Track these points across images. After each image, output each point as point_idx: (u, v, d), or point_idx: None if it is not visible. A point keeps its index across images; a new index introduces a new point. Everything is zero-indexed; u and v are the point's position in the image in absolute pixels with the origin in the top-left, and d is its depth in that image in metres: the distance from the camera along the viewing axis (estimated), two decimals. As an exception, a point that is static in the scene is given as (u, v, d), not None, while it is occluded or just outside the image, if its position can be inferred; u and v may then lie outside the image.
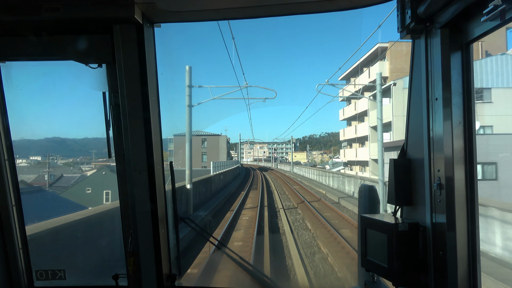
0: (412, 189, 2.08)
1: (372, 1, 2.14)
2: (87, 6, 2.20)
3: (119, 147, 2.53)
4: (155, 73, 2.53)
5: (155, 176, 2.53)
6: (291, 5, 2.26)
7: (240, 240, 14.95)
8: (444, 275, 1.81)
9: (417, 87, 2.01)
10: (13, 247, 2.76)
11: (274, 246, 14.06)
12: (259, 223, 17.75)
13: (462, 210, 1.77)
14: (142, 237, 2.58)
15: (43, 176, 39.88)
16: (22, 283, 2.81)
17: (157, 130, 2.56)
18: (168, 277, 2.74)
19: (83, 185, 35.60)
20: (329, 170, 51.87)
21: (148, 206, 2.56)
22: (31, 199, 14.57)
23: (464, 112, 1.79)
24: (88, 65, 2.49)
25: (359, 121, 49.33)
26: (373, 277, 2.37)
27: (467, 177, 1.78)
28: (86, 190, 33.55)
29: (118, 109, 2.46)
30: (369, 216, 2.20)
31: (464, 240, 1.77)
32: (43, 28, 2.37)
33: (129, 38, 2.34)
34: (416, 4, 1.84)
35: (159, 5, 2.21)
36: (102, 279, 3.01)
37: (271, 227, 17.75)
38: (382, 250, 1.97)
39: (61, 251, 6.61)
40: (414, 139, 2.09)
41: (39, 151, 44.26)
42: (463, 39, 1.76)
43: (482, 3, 1.50)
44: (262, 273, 3.38)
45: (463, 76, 1.79)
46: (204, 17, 2.43)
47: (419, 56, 1.99)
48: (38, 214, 10.56)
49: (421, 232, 1.93)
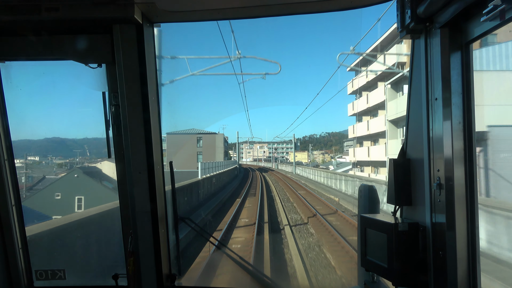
0: (412, 189, 2.08)
1: (372, 1, 2.15)
2: (87, 6, 2.20)
3: (119, 147, 2.53)
4: (155, 73, 2.53)
5: (155, 176, 2.53)
6: (291, 5, 2.26)
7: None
8: (444, 275, 1.81)
9: (417, 87, 2.01)
10: (13, 247, 2.76)
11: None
12: (256, 255, 11.53)
13: (462, 210, 1.77)
14: (142, 237, 2.58)
15: (21, 178, 36.09)
16: (22, 283, 2.81)
17: (157, 130, 2.56)
18: (168, 277, 2.74)
19: (52, 190, 31.25)
20: (334, 171, 48.48)
21: (148, 206, 2.56)
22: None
23: (464, 112, 1.79)
24: (88, 65, 2.49)
25: (371, 116, 44.12)
26: (373, 277, 2.38)
27: (467, 177, 1.78)
28: (55, 196, 29.63)
29: (118, 109, 2.46)
30: (369, 216, 2.20)
31: (464, 240, 1.77)
32: (43, 28, 2.37)
33: (129, 38, 2.34)
34: (416, 4, 1.84)
35: (159, 5, 2.21)
36: (102, 279, 3.01)
37: (274, 265, 10.92)
38: (382, 250, 1.97)
39: (61, 251, 6.61)
40: (414, 139, 2.10)
41: (39, 151, 43.89)
42: (463, 39, 1.76)
43: (482, 3, 1.50)
44: (262, 273, 3.38)
45: (463, 76, 1.79)
46: (204, 17, 2.43)
47: (419, 56, 1.99)
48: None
49: (421, 232, 1.93)
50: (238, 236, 14.85)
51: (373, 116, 43.49)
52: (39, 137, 45.64)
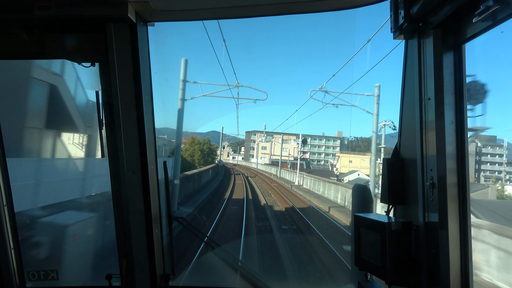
0: (405, 189, 2.09)
1: (365, 2, 2.15)
2: (80, 5, 2.18)
3: (112, 146, 2.52)
4: (149, 72, 2.52)
5: (148, 175, 2.52)
6: (284, 5, 2.26)
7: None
8: (437, 273, 1.82)
9: (410, 87, 2.03)
10: (4, 247, 2.73)
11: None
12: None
13: (454, 209, 1.79)
14: (135, 237, 2.57)
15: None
16: (14, 283, 2.78)
17: (151, 130, 2.55)
18: (162, 277, 2.73)
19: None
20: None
21: (142, 205, 2.54)
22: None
23: (456, 112, 1.81)
24: (81, 64, 2.47)
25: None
26: (366, 276, 2.39)
27: (459, 176, 1.80)
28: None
29: (111, 108, 2.44)
30: (363, 215, 2.21)
31: (456, 238, 1.79)
32: (35, 26, 2.35)
33: (123, 37, 2.32)
34: (409, 4, 1.85)
35: (152, 4, 2.20)
36: (95, 279, 2.99)
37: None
38: (375, 249, 1.98)
39: (53, 252, 6.55)
40: (407, 139, 2.11)
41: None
42: (456, 40, 1.78)
43: (474, 4, 1.51)
44: (255, 273, 3.38)
45: (455, 76, 1.80)
46: (198, 16, 2.43)
47: (412, 56, 2.00)
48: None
49: (414, 231, 1.94)
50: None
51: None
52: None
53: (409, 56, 2.04)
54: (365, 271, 2.32)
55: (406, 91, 2.10)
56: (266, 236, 16.58)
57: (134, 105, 2.41)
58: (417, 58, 1.93)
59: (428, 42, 1.85)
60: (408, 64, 2.06)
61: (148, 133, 2.50)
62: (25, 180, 9.16)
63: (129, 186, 2.50)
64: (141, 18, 2.36)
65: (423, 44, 1.90)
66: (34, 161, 11.12)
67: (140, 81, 2.39)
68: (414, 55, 1.96)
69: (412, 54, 2.00)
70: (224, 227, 17.90)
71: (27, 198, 8.85)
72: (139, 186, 2.52)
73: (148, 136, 2.49)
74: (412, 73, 1.99)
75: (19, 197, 14.41)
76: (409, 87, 2.06)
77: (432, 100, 1.83)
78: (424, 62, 1.90)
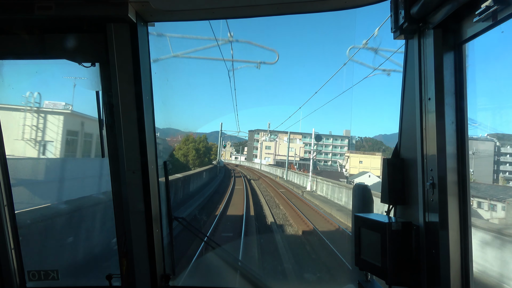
0: (405, 189, 2.09)
1: (365, 2, 2.15)
2: (80, 5, 2.18)
3: (113, 146, 2.52)
4: (149, 72, 2.52)
5: (149, 175, 2.52)
6: (284, 5, 2.26)
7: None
8: (437, 273, 1.82)
9: (410, 86, 2.02)
10: (4, 247, 2.73)
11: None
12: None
13: (455, 209, 1.79)
14: (135, 237, 2.57)
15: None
16: (14, 283, 2.78)
17: (151, 130, 2.55)
18: (162, 277, 2.73)
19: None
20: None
21: (142, 205, 2.54)
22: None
23: (457, 112, 1.81)
24: (81, 64, 2.47)
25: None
26: (366, 276, 2.38)
27: (460, 177, 1.80)
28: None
29: (111, 108, 2.44)
30: (363, 216, 2.21)
31: (456, 238, 1.79)
32: (35, 26, 2.35)
33: (123, 37, 2.32)
34: (409, 4, 1.85)
35: (153, 4, 2.19)
36: (95, 279, 2.99)
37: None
38: (376, 249, 1.98)
39: (54, 251, 6.56)
40: (407, 139, 2.11)
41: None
42: (456, 40, 1.78)
43: (475, 4, 1.51)
44: (256, 272, 3.38)
45: (456, 76, 1.80)
46: (198, 17, 2.43)
47: (412, 56, 2.00)
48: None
49: (414, 231, 1.94)
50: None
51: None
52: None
53: (409, 56, 2.04)
54: (366, 271, 2.32)
55: (406, 91, 2.10)
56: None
57: (135, 105, 2.41)
58: (418, 58, 1.93)
59: (429, 42, 1.85)
60: (408, 64, 2.06)
61: (149, 133, 2.50)
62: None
63: (129, 186, 2.50)
64: (141, 18, 2.36)
65: (424, 44, 1.89)
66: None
67: (140, 81, 2.39)
68: (415, 55, 1.96)
69: (412, 54, 2.00)
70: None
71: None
72: (139, 186, 2.52)
73: (148, 136, 2.49)
74: (412, 73, 1.99)
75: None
76: (409, 87, 2.06)
77: (433, 100, 1.83)
78: (424, 62, 1.89)
